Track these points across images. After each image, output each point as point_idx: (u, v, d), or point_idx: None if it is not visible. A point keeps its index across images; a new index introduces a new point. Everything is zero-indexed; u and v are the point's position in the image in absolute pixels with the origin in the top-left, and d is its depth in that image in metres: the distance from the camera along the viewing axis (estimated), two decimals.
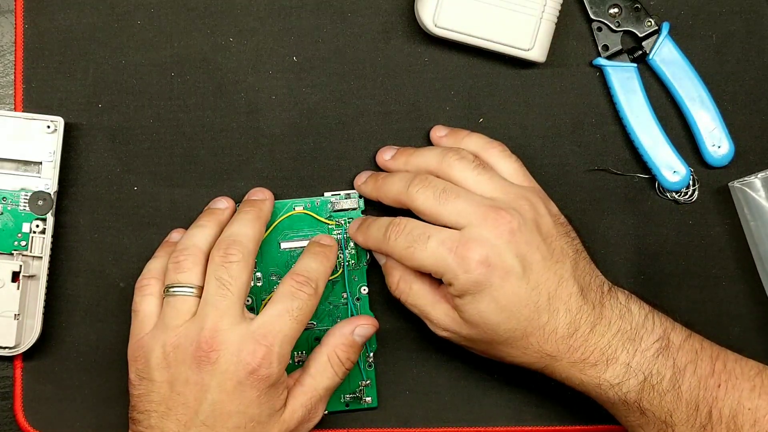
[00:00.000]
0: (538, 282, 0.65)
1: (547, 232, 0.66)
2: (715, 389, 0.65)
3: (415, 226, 0.67)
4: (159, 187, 0.74)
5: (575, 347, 0.65)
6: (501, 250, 0.64)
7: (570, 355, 0.65)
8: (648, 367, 0.65)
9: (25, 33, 0.73)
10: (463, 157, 0.68)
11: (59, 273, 0.73)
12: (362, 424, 0.74)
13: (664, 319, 0.67)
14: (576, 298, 0.65)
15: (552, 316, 0.65)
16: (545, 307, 0.65)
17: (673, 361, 0.65)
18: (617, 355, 0.65)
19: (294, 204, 0.73)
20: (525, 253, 0.65)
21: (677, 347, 0.66)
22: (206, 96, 0.74)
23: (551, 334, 0.65)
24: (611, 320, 0.66)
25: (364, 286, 0.73)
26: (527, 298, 0.64)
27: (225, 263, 0.65)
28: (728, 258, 0.75)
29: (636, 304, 0.67)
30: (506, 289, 0.64)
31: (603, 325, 0.65)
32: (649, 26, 0.74)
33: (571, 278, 0.66)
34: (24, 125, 0.71)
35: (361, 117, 0.74)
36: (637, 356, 0.65)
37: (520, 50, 0.72)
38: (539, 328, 0.65)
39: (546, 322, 0.65)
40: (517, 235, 0.65)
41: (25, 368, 0.73)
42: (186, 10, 0.74)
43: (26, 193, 0.71)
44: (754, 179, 0.73)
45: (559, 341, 0.65)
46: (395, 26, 0.74)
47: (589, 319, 0.65)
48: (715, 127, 0.74)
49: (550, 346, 0.65)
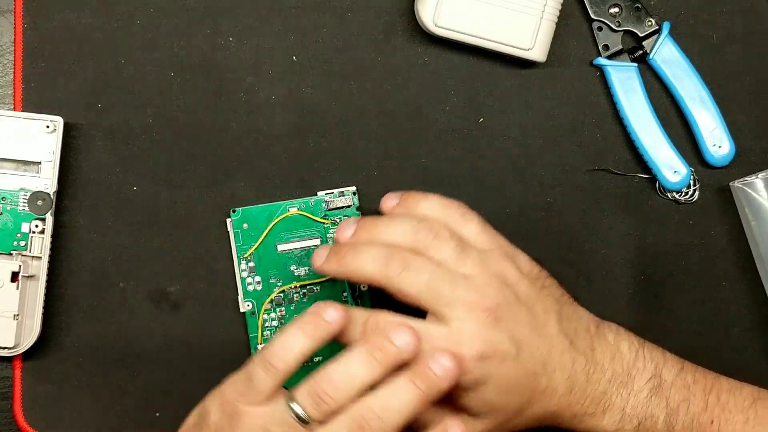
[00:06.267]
0: (532, 354, 0.63)
1: (526, 299, 0.64)
2: (708, 426, 0.65)
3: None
4: (159, 187, 0.73)
5: (574, 401, 0.65)
6: (493, 340, 0.62)
7: (570, 409, 0.65)
8: (642, 411, 0.65)
9: (25, 33, 0.73)
10: (439, 236, 0.63)
11: (59, 273, 0.73)
12: None
13: (654, 353, 0.67)
14: (568, 353, 0.65)
15: (550, 379, 0.64)
16: (542, 372, 0.64)
17: (666, 401, 0.65)
18: (612, 402, 0.65)
19: (288, 205, 0.73)
20: (514, 333, 0.63)
21: (669, 384, 0.66)
22: (206, 96, 0.74)
23: (552, 395, 0.64)
24: (604, 365, 0.65)
25: None
26: (525, 373, 0.63)
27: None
28: (728, 258, 0.75)
29: (625, 342, 0.67)
30: (505, 372, 0.63)
31: (597, 372, 0.65)
32: (649, 26, 0.74)
33: (559, 334, 0.65)
34: (23, 125, 0.71)
35: (361, 117, 0.74)
36: (631, 400, 0.65)
37: (520, 50, 0.72)
38: (540, 393, 0.64)
39: (546, 386, 0.64)
40: (504, 317, 0.63)
41: (25, 368, 0.73)
42: (186, 10, 0.74)
43: (26, 193, 0.71)
44: (754, 179, 0.73)
45: (560, 399, 0.65)
46: (395, 26, 0.74)
47: (584, 369, 0.65)
48: (716, 127, 0.74)
49: (553, 405, 0.65)
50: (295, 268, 0.73)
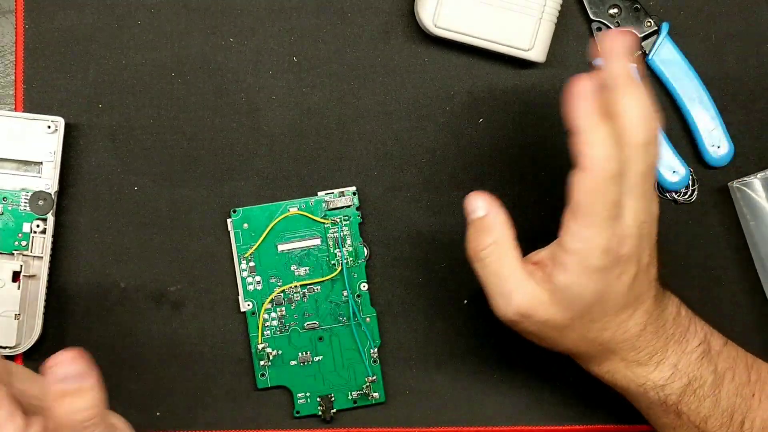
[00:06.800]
0: (640, 283, 0.62)
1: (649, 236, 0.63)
2: (750, 399, 0.65)
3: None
4: (159, 187, 0.74)
5: (636, 346, 0.64)
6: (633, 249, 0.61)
7: (628, 353, 0.64)
8: (692, 370, 0.65)
9: (26, 33, 0.73)
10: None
11: (60, 273, 0.73)
12: (363, 423, 0.74)
13: (704, 324, 0.67)
14: (652, 302, 0.64)
15: (630, 315, 0.63)
16: (631, 306, 0.63)
17: (714, 366, 0.65)
18: (667, 356, 0.65)
19: (288, 205, 0.74)
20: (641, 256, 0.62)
21: (717, 352, 0.66)
22: (206, 96, 0.74)
23: (624, 332, 0.63)
24: (667, 323, 0.65)
25: (363, 282, 0.74)
26: (624, 298, 0.62)
27: None
28: (728, 258, 0.75)
29: (684, 308, 0.67)
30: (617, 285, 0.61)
31: (663, 328, 0.65)
32: (648, 26, 0.74)
33: (655, 282, 0.64)
34: (24, 125, 0.71)
35: (361, 117, 0.74)
36: (684, 358, 0.65)
37: (520, 50, 0.72)
38: (616, 324, 0.63)
39: (624, 320, 0.63)
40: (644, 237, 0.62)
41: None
42: (186, 10, 0.74)
43: (27, 193, 0.71)
44: (753, 179, 0.73)
45: (628, 340, 0.64)
46: (395, 26, 0.75)
47: (656, 323, 0.64)
48: (715, 127, 0.74)
49: (617, 342, 0.64)
50: (295, 268, 0.73)
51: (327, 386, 0.74)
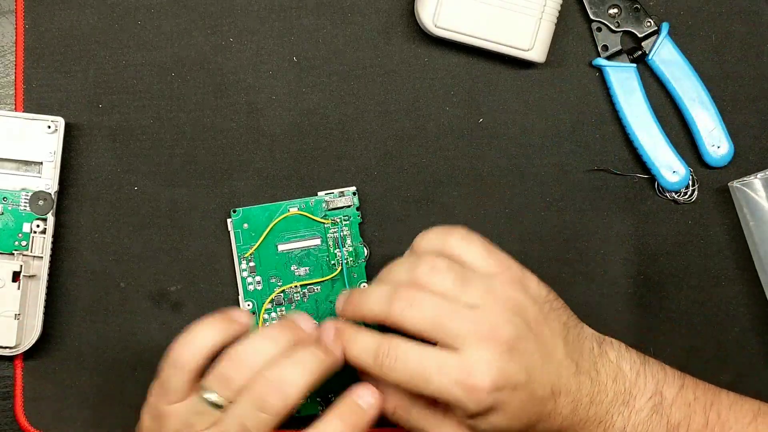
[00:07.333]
0: (541, 381, 0.63)
1: (535, 325, 0.64)
2: None
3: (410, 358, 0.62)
4: (159, 187, 0.74)
5: (577, 421, 0.65)
6: (506, 370, 0.61)
7: (572, 429, 0.65)
8: (642, 429, 0.65)
9: (26, 33, 0.73)
10: (435, 268, 0.63)
11: (59, 273, 0.73)
12: None
13: (655, 369, 0.67)
14: (574, 378, 0.64)
15: (556, 402, 0.64)
16: (549, 397, 0.64)
17: (666, 419, 0.65)
18: (614, 421, 0.65)
19: (288, 205, 0.74)
20: (526, 361, 0.62)
21: (670, 402, 0.66)
22: (206, 96, 0.74)
23: (557, 417, 0.64)
24: (607, 386, 0.65)
25: (363, 282, 0.74)
26: (534, 399, 0.63)
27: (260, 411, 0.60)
28: (728, 258, 0.75)
29: (627, 361, 0.66)
30: (516, 400, 0.62)
31: (601, 394, 0.65)
32: (648, 26, 0.74)
33: (566, 359, 0.64)
34: (24, 125, 0.71)
35: (361, 117, 0.74)
36: (632, 418, 0.65)
37: (520, 50, 0.72)
38: (546, 416, 0.64)
39: (551, 410, 0.64)
40: (516, 347, 0.62)
41: (26, 368, 0.73)
42: (186, 10, 0.74)
43: (27, 193, 0.71)
44: (753, 179, 0.73)
45: (564, 420, 0.64)
46: (395, 26, 0.75)
47: (589, 393, 0.65)
48: (715, 128, 0.74)
49: (557, 426, 0.65)
50: (295, 268, 0.73)
51: (327, 386, 0.73)
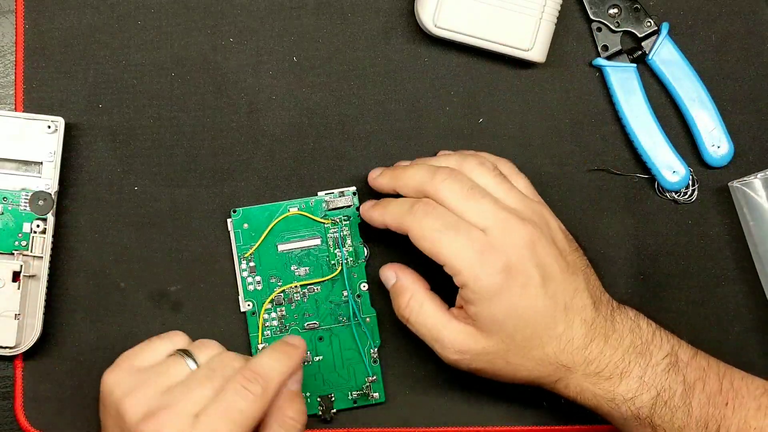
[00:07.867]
0: (555, 292, 0.65)
1: (561, 247, 0.67)
2: (723, 407, 0.66)
3: (446, 213, 0.65)
4: (159, 187, 0.74)
5: (590, 359, 0.65)
6: (524, 259, 0.64)
7: (585, 367, 0.65)
8: (660, 382, 0.65)
9: (26, 33, 0.73)
10: (482, 163, 0.68)
11: (59, 273, 0.73)
12: (363, 424, 0.74)
13: (671, 336, 0.68)
14: (590, 310, 0.66)
15: (568, 327, 0.65)
16: (562, 318, 0.65)
17: (683, 377, 0.66)
18: (630, 369, 0.65)
19: (288, 205, 0.74)
20: (545, 264, 0.65)
21: (685, 363, 0.66)
22: (206, 96, 0.74)
23: (567, 344, 0.65)
24: (623, 334, 0.66)
25: (363, 282, 0.74)
26: (544, 308, 0.64)
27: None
28: (728, 258, 0.75)
29: (644, 321, 0.68)
30: (525, 297, 0.64)
31: (616, 338, 0.66)
32: (648, 26, 0.74)
33: (585, 291, 0.66)
34: (24, 125, 0.71)
35: (361, 117, 0.74)
36: (649, 370, 0.66)
37: (520, 50, 0.72)
38: (555, 338, 0.65)
39: (562, 332, 0.65)
40: (538, 246, 0.65)
41: (26, 368, 0.73)
42: (186, 10, 0.74)
43: (27, 193, 0.71)
44: (753, 179, 0.73)
45: (575, 352, 0.65)
46: (395, 26, 0.75)
47: (603, 331, 0.66)
48: (715, 127, 0.74)
49: (566, 356, 0.65)
50: (295, 268, 0.73)
51: (327, 386, 0.74)
